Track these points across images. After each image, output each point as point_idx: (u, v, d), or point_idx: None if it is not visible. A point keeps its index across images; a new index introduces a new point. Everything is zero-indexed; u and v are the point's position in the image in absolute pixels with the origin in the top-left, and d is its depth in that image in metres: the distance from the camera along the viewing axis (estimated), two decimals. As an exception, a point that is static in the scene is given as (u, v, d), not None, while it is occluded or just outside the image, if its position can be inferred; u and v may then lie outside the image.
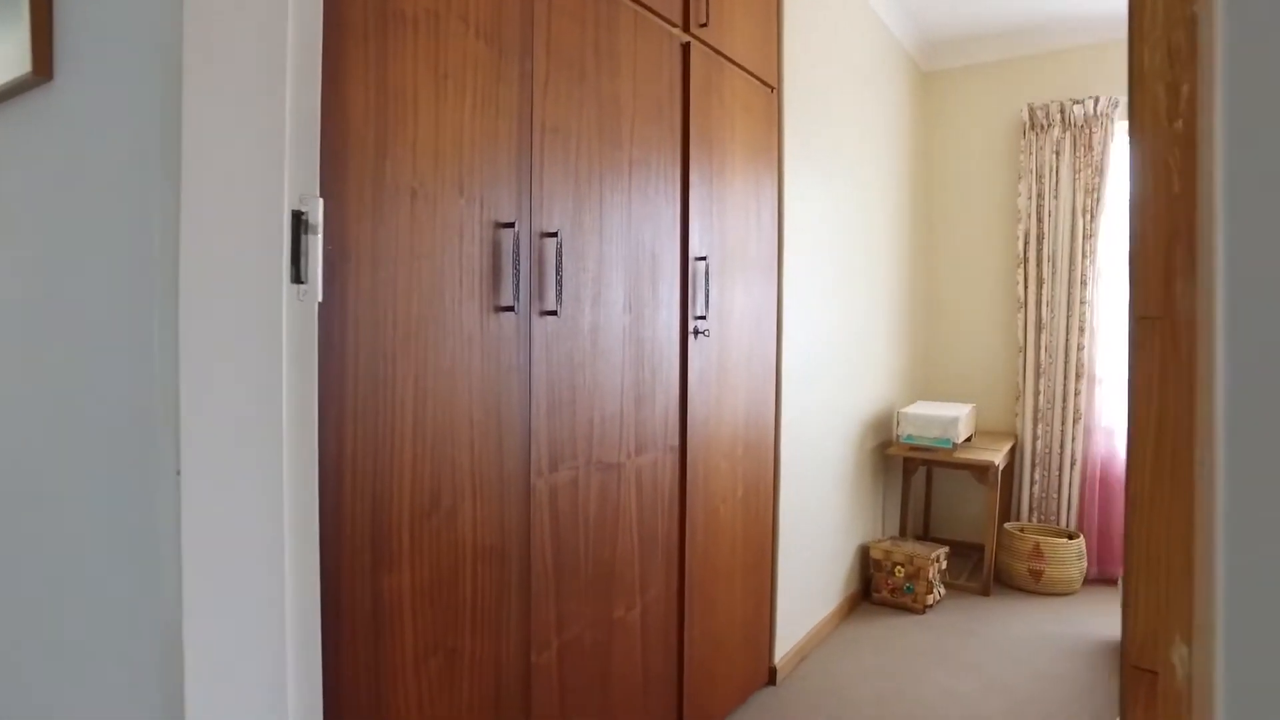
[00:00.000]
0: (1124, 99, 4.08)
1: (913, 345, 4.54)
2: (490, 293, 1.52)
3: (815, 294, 3.13)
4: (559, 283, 1.68)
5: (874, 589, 3.70)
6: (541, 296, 1.66)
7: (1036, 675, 2.95)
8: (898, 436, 3.84)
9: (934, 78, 4.60)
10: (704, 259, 2.30)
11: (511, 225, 1.57)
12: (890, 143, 4.03)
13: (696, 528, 2.29)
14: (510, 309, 1.57)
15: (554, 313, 1.69)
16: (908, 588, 3.58)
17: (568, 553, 1.76)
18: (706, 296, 2.29)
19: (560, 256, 1.68)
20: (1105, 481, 4.13)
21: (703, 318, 2.30)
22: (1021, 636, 3.33)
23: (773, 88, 2.72)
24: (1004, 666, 3.02)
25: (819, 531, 3.24)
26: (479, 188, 1.49)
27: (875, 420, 3.87)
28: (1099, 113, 4.05)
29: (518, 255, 1.56)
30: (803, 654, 3.08)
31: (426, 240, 1.38)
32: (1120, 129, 4.10)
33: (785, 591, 2.93)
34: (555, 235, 1.69)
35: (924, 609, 3.58)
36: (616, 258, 1.90)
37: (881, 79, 3.85)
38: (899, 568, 3.60)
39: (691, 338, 2.26)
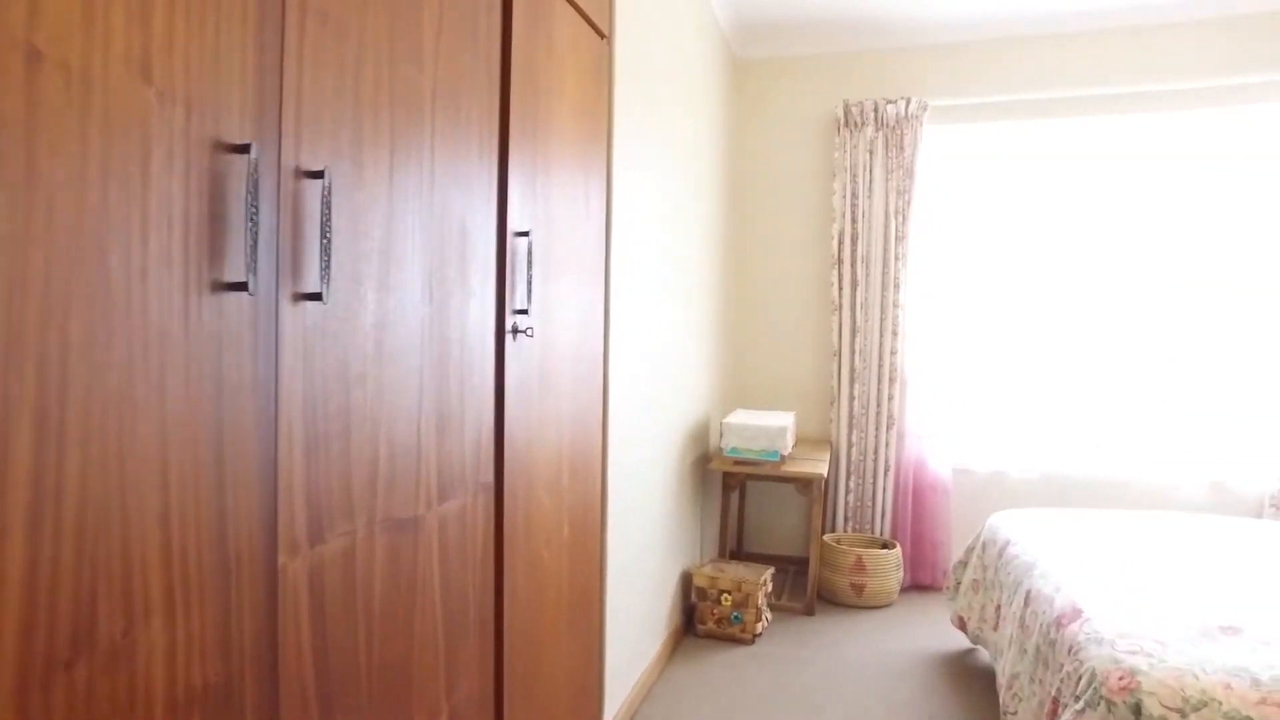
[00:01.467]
0: (934, 102, 4.06)
1: (727, 350, 4.28)
2: (205, 260, 0.90)
3: (643, 288, 2.70)
4: (326, 251, 1.08)
5: (699, 620, 3.34)
6: (296, 271, 1.06)
7: (877, 698, 2.71)
8: (720, 449, 3.51)
9: (749, 66, 4.37)
10: (526, 235, 1.77)
11: (245, 150, 0.95)
12: (707, 132, 3.72)
13: (517, 587, 1.76)
14: (241, 287, 0.95)
15: (317, 296, 1.09)
16: (735, 617, 3.26)
17: (340, 666, 1.17)
18: (530, 285, 1.76)
19: (328, 210, 1.08)
20: (917, 488, 4.09)
21: (524, 312, 1.77)
22: (853, 659, 3.11)
23: (604, 35, 2.24)
24: (843, 697, 2.76)
25: (646, 564, 2.81)
26: (185, 78, 0.87)
27: (694, 432, 3.52)
28: (909, 114, 4.00)
29: (255, 200, 0.95)
30: (633, 710, 2.63)
31: (67, 151, 0.75)
32: (929, 133, 4.07)
33: (614, 642, 2.46)
34: (321, 176, 1.09)
35: (753, 638, 3.27)
36: (413, 223, 1.33)
37: (701, 59, 3.52)
38: (726, 595, 3.27)
39: (510, 337, 1.73)
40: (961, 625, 3.03)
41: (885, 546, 3.93)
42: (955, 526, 4.10)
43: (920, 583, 4.06)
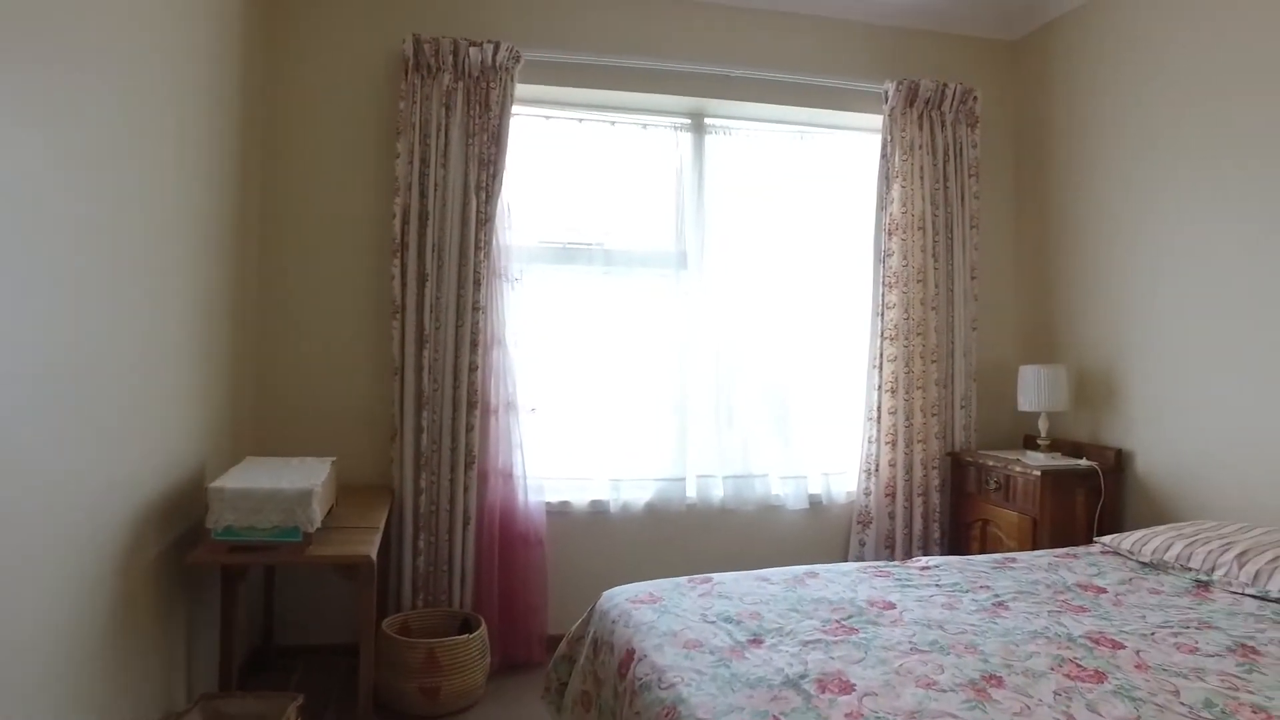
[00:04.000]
0: (529, 54, 3.22)
1: (239, 372, 2.96)
2: None
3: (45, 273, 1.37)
4: None
5: (164, 816, 2.03)
6: None
7: None
8: (210, 529, 2.23)
9: (276, -32, 3.11)
10: None
11: None
12: (206, 70, 2.41)
13: None
14: None
15: None
16: (230, 800, 2.03)
17: None
18: None
19: None
20: (505, 541, 3.22)
21: None
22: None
23: None
24: None
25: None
26: None
27: (166, 503, 2.20)
28: (498, 64, 3.11)
29: None
30: None
31: None
32: (522, 92, 3.23)
33: None
34: None
35: (259, 830, 2.07)
36: None
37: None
38: (213, 769, 2.02)
39: None
40: (567, 749, 2.21)
41: (467, 626, 2.99)
42: (554, 582, 3.32)
43: (514, 660, 3.20)
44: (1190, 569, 2.44)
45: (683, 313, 3.52)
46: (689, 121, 3.56)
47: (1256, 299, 2.74)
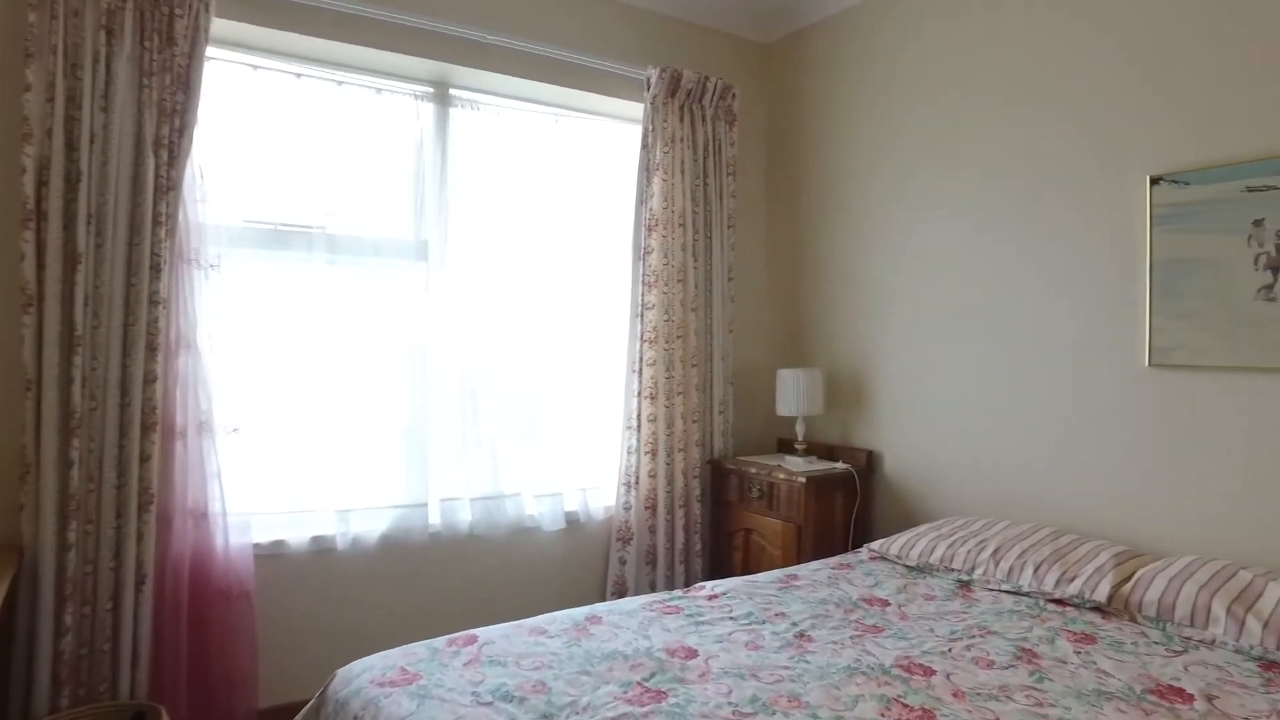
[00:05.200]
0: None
1: None
2: None
3: None
4: None
5: None
6: None
7: None
8: None
9: None
10: None
11: None
12: None
13: None
14: None
15: None
16: None
17: None
18: None
19: None
20: (197, 602, 2.50)
21: None
22: None
23: None
24: None
25: None
26: None
27: None
28: (182, -16, 2.40)
29: None
30: None
31: None
32: (223, 30, 2.53)
33: None
34: None
35: None
36: None
37: None
38: None
39: None
40: None
41: (140, 718, 2.26)
42: (267, 643, 2.66)
43: (208, 753, 2.50)
44: (953, 569, 2.49)
45: (423, 311, 3.02)
46: (432, 91, 3.07)
47: (989, 305, 2.90)
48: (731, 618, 2.14)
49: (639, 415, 3.34)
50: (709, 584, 2.44)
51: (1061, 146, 2.67)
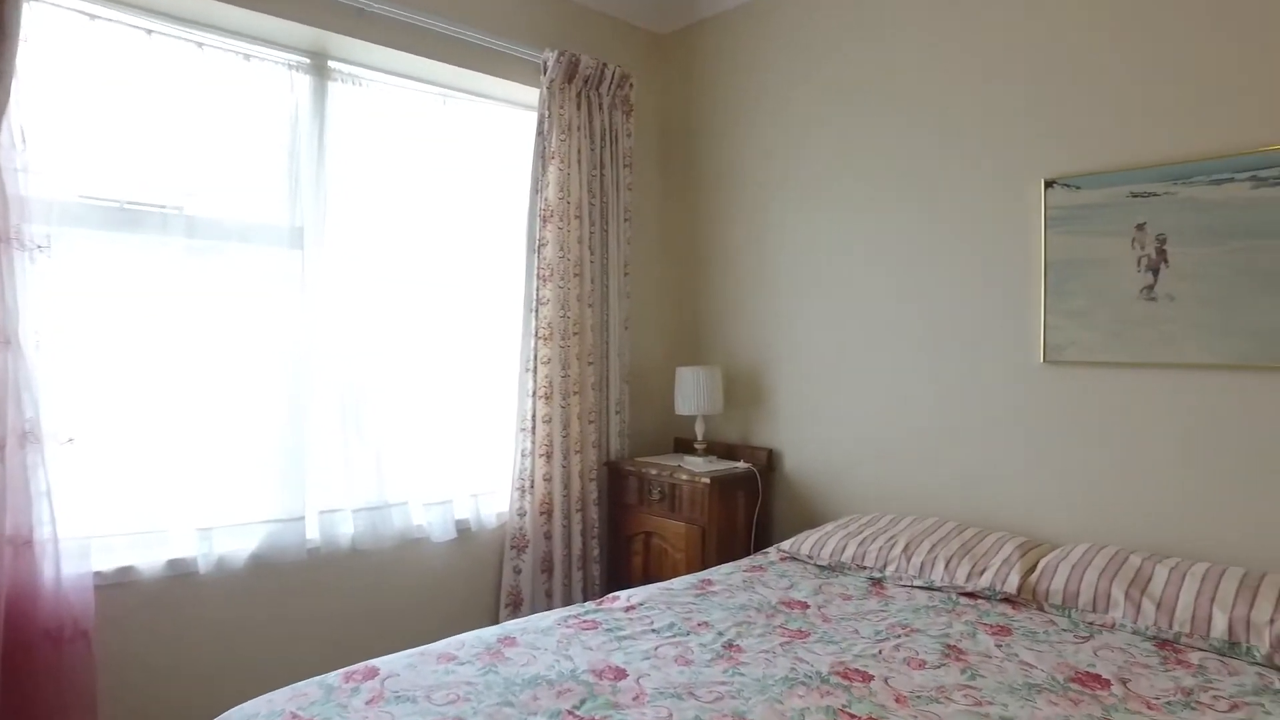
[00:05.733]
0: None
1: None
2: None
3: None
4: None
5: None
6: None
7: None
8: None
9: None
10: None
11: None
12: None
13: None
14: None
15: None
16: None
17: None
18: None
19: None
20: (18, 642, 2.12)
21: None
22: None
23: None
24: None
25: None
26: None
27: None
28: (1, -88, 2.01)
29: None
30: None
31: None
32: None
33: None
34: None
35: None
36: None
37: None
38: None
39: None
40: None
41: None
42: (111, 691, 2.30)
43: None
44: (866, 567, 2.48)
45: (298, 304, 2.72)
46: (309, 62, 2.76)
47: (889, 303, 2.93)
48: (654, 630, 2.02)
49: (533, 416, 3.17)
50: (623, 594, 2.31)
51: (961, 148, 2.73)
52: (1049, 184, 2.51)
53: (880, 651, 1.89)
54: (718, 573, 2.53)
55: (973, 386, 2.71)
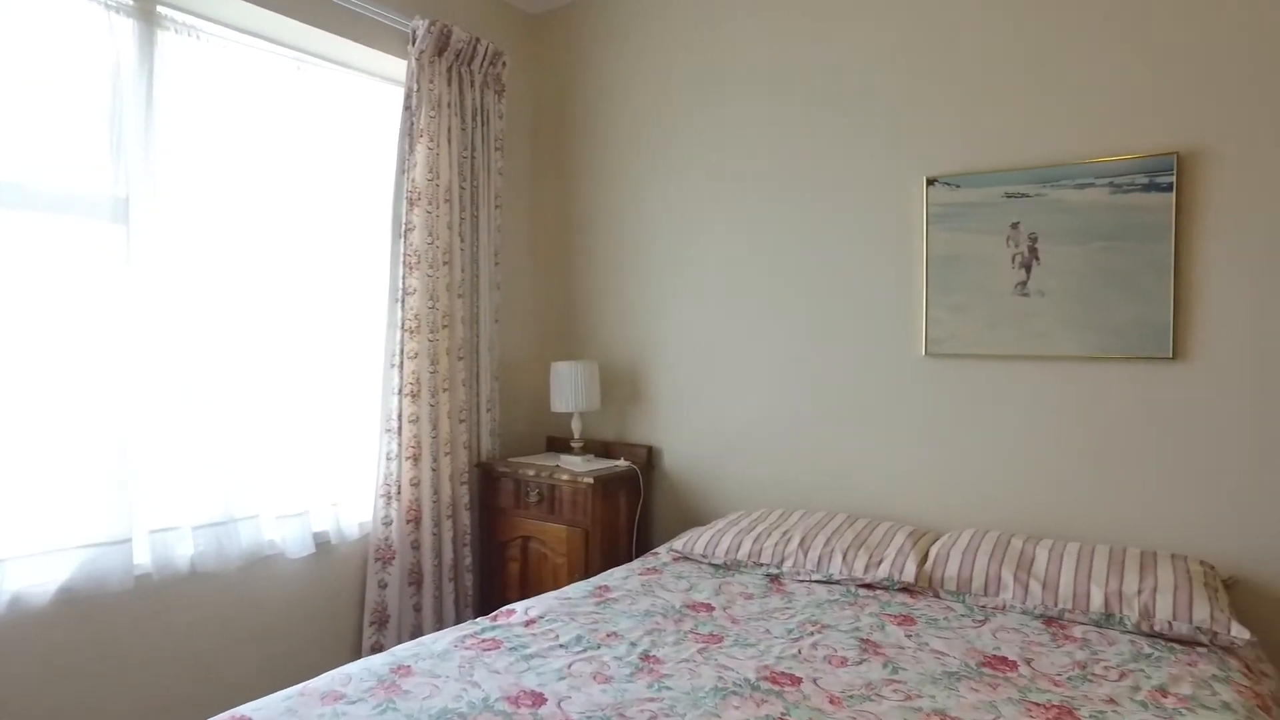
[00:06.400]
0: None
1: None
2: None
3: None
4: None
5: None
6: None
7: None
8: None
9: None
10: None
11: None
12: None
13: None
14: None
15: None
16: None
17: None
18: None
19: None
20: None
21: None
22: None
23: None
24: None
25: None
26: None
27: None
28: None
29: None
30: None
31: None
32: None
33: None
34: None
35: None
36: None
37: None
38: None
39: None
40: None
41: None
42: None
43: None
44: (762, 564, 2.45)
45: (124, 288, 2.32)
46: (132, 4, 2.36)
47: (773, 297, 2.93)
48: (561, 645, 1.87)
49: (399, 416, 2.90)
50: (518, 606, 2.14)
51: (845, 144, 2.77)
52: (930, 181, 2.59)
53: (799, 651, 1.84)
54: (613, 578, 2.41)
55: (856, 379, 2.76)
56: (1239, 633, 1.86)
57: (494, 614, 2.10)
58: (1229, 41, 2.18)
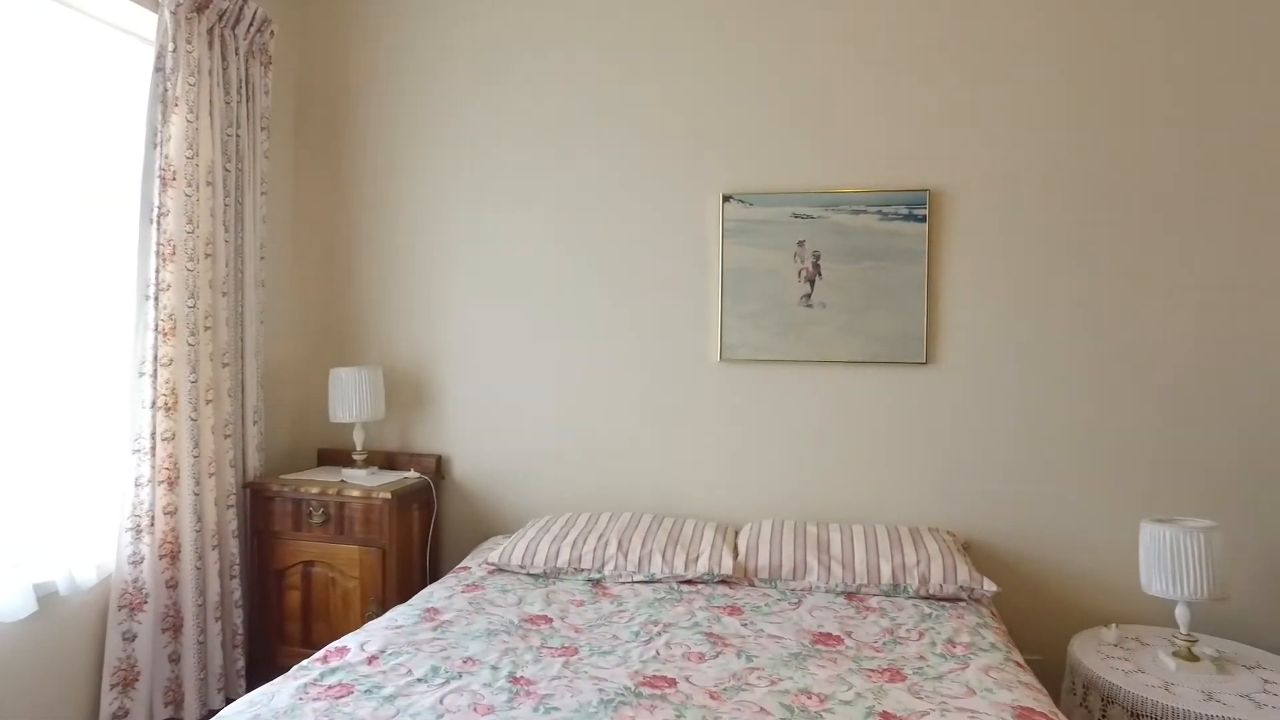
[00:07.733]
0: None
1: None
2: None
3: None
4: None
5: None
6: None
7: None
8: None
9: None
10: None
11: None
12: None
13: None
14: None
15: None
16: None
17: None
18: None
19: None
20: None
21: None
22: None
23: None
24: None
25: None
26: None
27: None
28: None
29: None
30: None
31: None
32: None
33: None
34: None
35: None
36: None
37: None
38: None
39: None
40: None
41: None
42: None
43: None
44: (584, 569, 2.46)
45: None
46: None
47: (569, 302, 2.95)
48: (420, 679, 1.73)
49: (152, 433, 2.46)
50: (349, 641, 1.94)
51: (645, 158, 2.86)
52: (726, 198, 2.78)
53: (657, 653, 1.90)
54: (435, 599, 2.27)
55: (655, 384, 2.87)
56: (989, 586, 2.27)
57: (322, 653, 1.88)
58: (961, 107, 2.63)
